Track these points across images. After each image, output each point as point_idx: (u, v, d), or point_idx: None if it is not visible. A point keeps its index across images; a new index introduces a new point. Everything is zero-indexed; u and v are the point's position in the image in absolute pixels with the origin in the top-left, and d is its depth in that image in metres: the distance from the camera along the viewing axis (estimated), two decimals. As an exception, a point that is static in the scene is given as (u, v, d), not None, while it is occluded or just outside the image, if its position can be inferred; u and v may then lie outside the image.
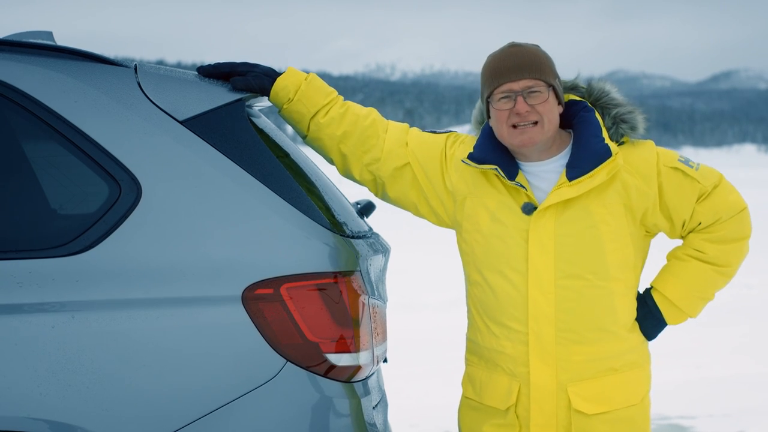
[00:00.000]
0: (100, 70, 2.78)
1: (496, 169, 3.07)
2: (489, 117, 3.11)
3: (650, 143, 3.15)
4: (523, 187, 3.06)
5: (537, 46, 3.11)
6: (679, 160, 3.12)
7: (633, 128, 3.12)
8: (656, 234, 3.19)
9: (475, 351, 3.22)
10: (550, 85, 3.05)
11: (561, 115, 3.15)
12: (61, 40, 3.21)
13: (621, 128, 3.11)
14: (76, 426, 2.56)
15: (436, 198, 3.21)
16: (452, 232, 3.27)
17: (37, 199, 2.68)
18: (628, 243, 3.09)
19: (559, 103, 3.10)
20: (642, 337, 3.18)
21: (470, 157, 3.11)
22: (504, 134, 3.06)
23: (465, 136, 3.26)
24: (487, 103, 3.10)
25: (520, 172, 3.09)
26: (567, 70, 3.28)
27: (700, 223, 3.12)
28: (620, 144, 3.12)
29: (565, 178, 3.04)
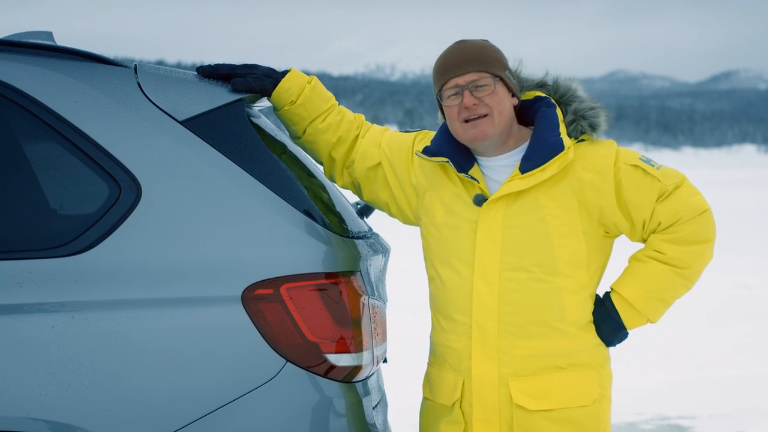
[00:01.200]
0: (100, 70, 2.78)
1: (447, 161, 3.09)
2: (441, 106, 3.14)
3: (611, 142, 3.13)
4: (476, 180, 3.07)
5: (485, 40, 3.13)
6: (640, 158, 3.10)
7: (593, 126, 3.10)
8: (617, 235, 3.15)
9: (431, 350, 3.23)
10: (497, 77, 3.06)
11: (525, 113, 3.16)
12: (61, 40, 3.21)
13: (581, 125, 3.10)
14: (76, 426, 2.56)
15: (402, 195, 3.24)
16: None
17: (37, 199, 2.68)
18: (580, 240, 3.06)
19: (513, 96, 3.11)
20: (598, 339, 3.12)
21: (425, 150, 3.15)
22: (458, 130, 3.08)
23: (433, 133, 3.26)
24: (440, 104, 3.12)
25: (475, 165, 3.11)
26: (568, 70, 3.28)
27: (660, 223, 3.07)
28: (580, 141, 3.11)
29: (518, 171, 3.05)
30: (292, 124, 3.21)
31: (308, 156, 3.31)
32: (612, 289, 3.15)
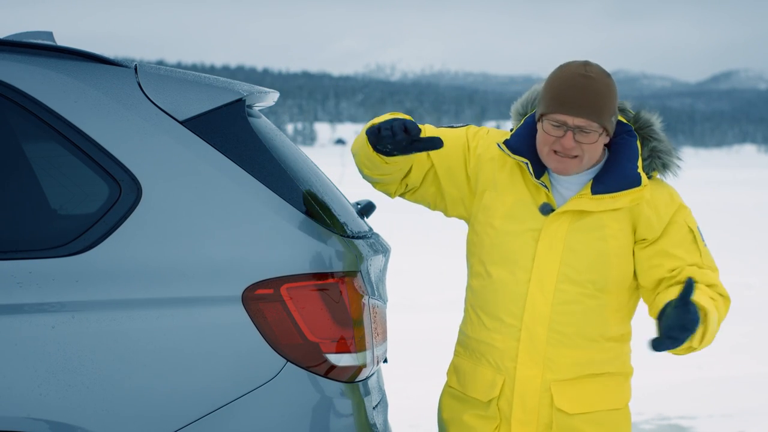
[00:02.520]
0: (101, 70, 2.78)
1: (526, 163, 3.09)
2: (538, 121, 3.07)
3: (674, 190, 3.14)
4: (546, 187, 3.10)
5: (609, 77, 3.05)
6: (697, 227, 3.14)
7: (665, 166, 3.14)
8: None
9: (462, 342, 3.26)
10: (604, 128, 3.03)
11: None
12: (62, 40, 3.21)
13: (655, 163, 3.13)
14: (76, 426, 2.56)
15: (455, 190, 3.23)
16: (452, 233, 3.28)
17: (37, 199, 2.68)
18: (631, 261, 3.13)
19: (608, 135, 3.08)
20: (626, 350, 3.20)
21: (506, 143, 3.13)
22: (544, 153, 3.07)
23: (488, 128, 3.27)
24: (541, 116, 3.06)
25: (546, 173, 3.13)
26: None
27: (694, 264, 3.08)
28: (649, 178, 3.14)
29: (588, 189, 3.08)
30: (379, 173, 3.14)
31: (309, 156, 3.31)
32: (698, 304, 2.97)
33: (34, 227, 2.65)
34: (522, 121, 3.18)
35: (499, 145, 3.14)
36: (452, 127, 3.29)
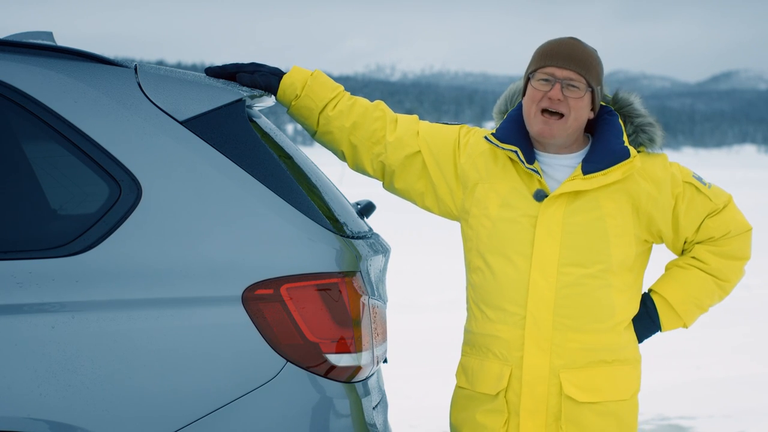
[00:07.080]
0: (100, 70, 2.78)
1: (516, 151, 3.13)
2: (527, 83, 3.17)
3: (664, 155, 3.23)
4: (537, 173, 3.13)
5: (595, 50, 3.19)
6: (693, 176, 3.21)
7: (651, 140, 3.20)
8: (656, 243, 3.26)
9: (468, 340, 3.28)
10: (590, 87, 3.12)
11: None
12: (62, 40, 3.21)
13: (640, 137, 3.19)
14: (76, 426, 2.56)
15: (445, 187, 3.27)
16: (452, 233, 3.30)
17: (37, 199, 2.68)
18: (631, 242, 3.15)
19: (592, 110, 3.17)
20: (635, 337, 3.25)
21: (493, 135, 3.19)
22: (531, 115, 3.13)
23: (478, 128, 3.32)
24: (527, 80, 3.16)
25: (536, 160, 3.16)
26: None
27: (711, 237, 3.20)
28: (637, 152, 3.19)
29: (579, 171, 3.12)
30: (304, 119, 3.26)
31: (309, 156, 3.31)
32: (653, 290, 3.26)
33: (34, 227, 2.65)
34: (503, 118, 3.25)
35: (486, 138, 3.20)
36: (447, 124, 3.35)
